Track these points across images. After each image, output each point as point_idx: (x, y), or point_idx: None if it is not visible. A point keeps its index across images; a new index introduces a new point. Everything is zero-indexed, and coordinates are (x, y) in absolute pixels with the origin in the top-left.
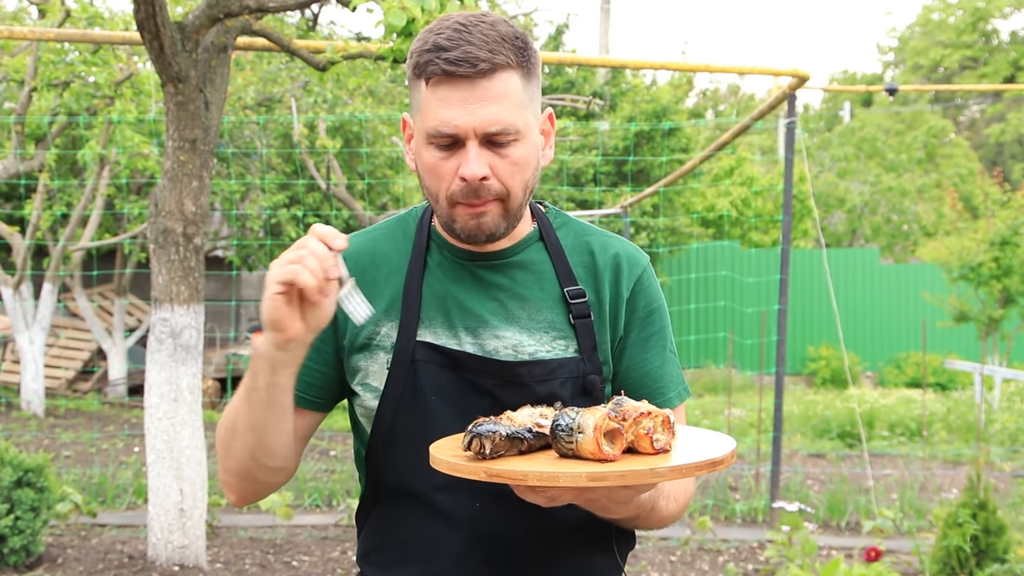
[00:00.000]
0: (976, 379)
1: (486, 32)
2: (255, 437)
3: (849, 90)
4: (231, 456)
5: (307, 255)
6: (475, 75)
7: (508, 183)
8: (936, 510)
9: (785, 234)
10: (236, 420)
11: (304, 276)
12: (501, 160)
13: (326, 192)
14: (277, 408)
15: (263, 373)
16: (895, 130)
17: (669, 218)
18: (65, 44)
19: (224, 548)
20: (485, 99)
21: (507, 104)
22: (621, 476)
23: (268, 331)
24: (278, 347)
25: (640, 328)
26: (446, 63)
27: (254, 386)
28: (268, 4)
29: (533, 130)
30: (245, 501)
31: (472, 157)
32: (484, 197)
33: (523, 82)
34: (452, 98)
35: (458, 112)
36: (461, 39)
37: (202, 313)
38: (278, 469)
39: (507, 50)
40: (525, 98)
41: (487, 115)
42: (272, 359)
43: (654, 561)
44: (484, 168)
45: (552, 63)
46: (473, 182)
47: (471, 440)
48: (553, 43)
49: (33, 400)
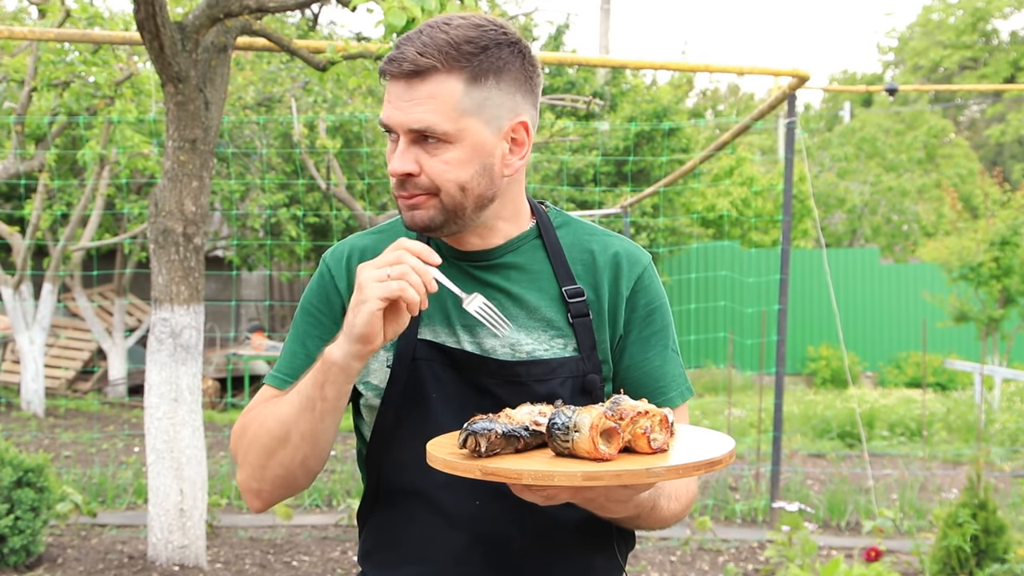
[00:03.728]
0: (976, 379)
1: (435, 35)
2: (312, 445)
3: (849, 90)
4: (275, 465)
5: (409, 271)
6: (403, 75)
7: (437, 180)
8: (936, 510)
9: (785, 234)
10: (289, 430)
11: (410, 292)
12: (430, 159)
13: (326, 192)
14: (338, 415)
15: (337, 383)
16: (895, 130)
17: (669, 218)
18: (65, 44)
19: (224, 548)
20: (413, 99)
21: (434, 106)
22: (617, 476)
23: (355, 343)
24: (359, 358)
25: (641, 327)
26: (386, 61)
27: (321, 396)
28: (268, 4)
29: (477, 134)
30: (268, 506)
31: (398, 153)
32: (410, 191)
33: (466, 86)
34: (392, 94)
35: (393, 108)
36: (411, 40)
37: (202, 313)
38: (318, 470)
39: (443, 55)
40: (468, 102)
41: (412, 114)
42: (349, 370)
43: (654, 561)
44: (407, 164)
45: (552, 63)
46: (395, 175)
47: (466, 438)
48: (553, 43)
49: (33, 400)
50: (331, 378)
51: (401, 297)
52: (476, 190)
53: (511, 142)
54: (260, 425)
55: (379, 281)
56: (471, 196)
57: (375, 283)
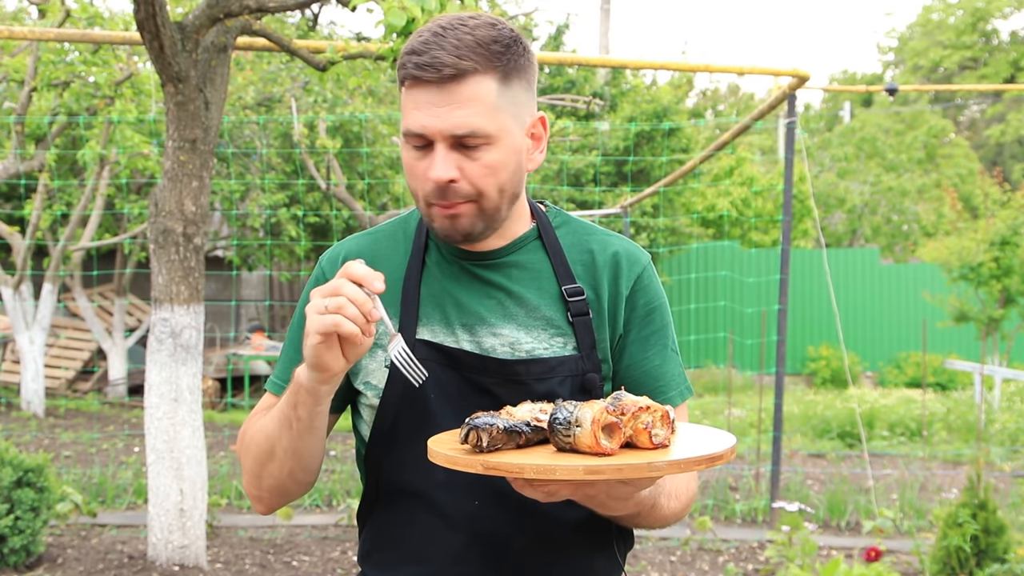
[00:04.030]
0: (976, 379)
1: (461, 37)
2: (295, 460)
3: (849, 90)
4: (266, 476)
5: (345, 304)
6: (441, 80)
7: (479, 185)
8: (936, 510)
9: (785, 234)
10: (273, 445)
11: (346, 327)
12: (471, 163)
13: (326, 192)
14: (317, 433)
15: (306, 404)
16: (895, 130)
17: (669, 218)
18: (65, 44)
19: (224, 548)
20: (452, 103)
21: (475, 108)
22: (618, 470)
23: (312, 372)
24: (323, 383)
25: (640, 326)
26: (415, 67)
27: (296, 416)
28: (268, 4)
29: (511, 134)
30: (273, 511)
31: (439, 160)
32: (452, 199)
33: (499, 86)
34: (422, 101)
35: (427, 115)
36: (434, 43)
37: (202, 313)
38: (313, 480)
39: (478, 55)
40: (502, 102)
41: (454, 119)
42: (316, 393)
43: (654, 561)
44: (450, 171)
45: (552, 63)
46: (439, 184)
47: (468, 432)
48: (553, 43)
49: (33, 400)
50: (301, 399)
51: (337, 332)
52: (510, 190)
53: (532, 138)
54: (251, 437)
55: (319, 314)
56: (506, 197)
57: (315, 316)
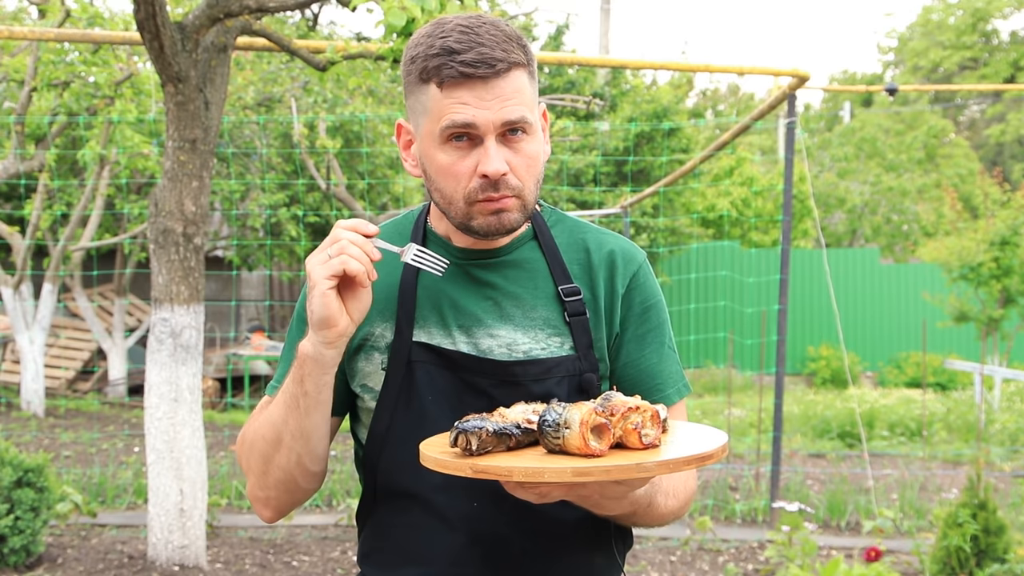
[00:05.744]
0: (976, 379)
1: (493, 33)
2: (303, 443)
3: (849, 90)
4: (274, 469)
5: (347, 244)
6: (494, 75)
7: (523, 178)
8: (936, 510)
9: (785, 234)
10: (280, 431)
11: (352, 264)
12: (516, 156)
13: (326, 192)
14: (324, 409)
15: (314, 375)
16: (895, 130)
17: (669, 218)
18: (65, 44)
19: (224, 548)
20: (500, 96)
21: (521, 99)
22: (606, 471)
23: (319, 330)
24: (329, 344)
25: (637, 325)
26: (463, 65)
27: (302, 391)
28: (268, 4)
29: (538, 126)
30: (280, 515)
31: (492, 153)
32: (503, 192)
33: (529, 79)
34: (468, 98)
35: (475, 109)
36: (472, 41)
37: (202, 313)
38: (319, 474)
39: (518, 49)
40: (532, 93)
41: (505, 110)
42: (322, 359)
43: (654, 561)
44: (504, 164)
45: (552, 63)
46: (495, 177)
47: (457, 436)
48: (553, 43)
49: (33, 400)
50: (307, 371)
51: (345, 270)
52: (540, 184)
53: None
54: (255, 432)
55: (323, 264)
56: (538, 191)
57: (319, 266)
